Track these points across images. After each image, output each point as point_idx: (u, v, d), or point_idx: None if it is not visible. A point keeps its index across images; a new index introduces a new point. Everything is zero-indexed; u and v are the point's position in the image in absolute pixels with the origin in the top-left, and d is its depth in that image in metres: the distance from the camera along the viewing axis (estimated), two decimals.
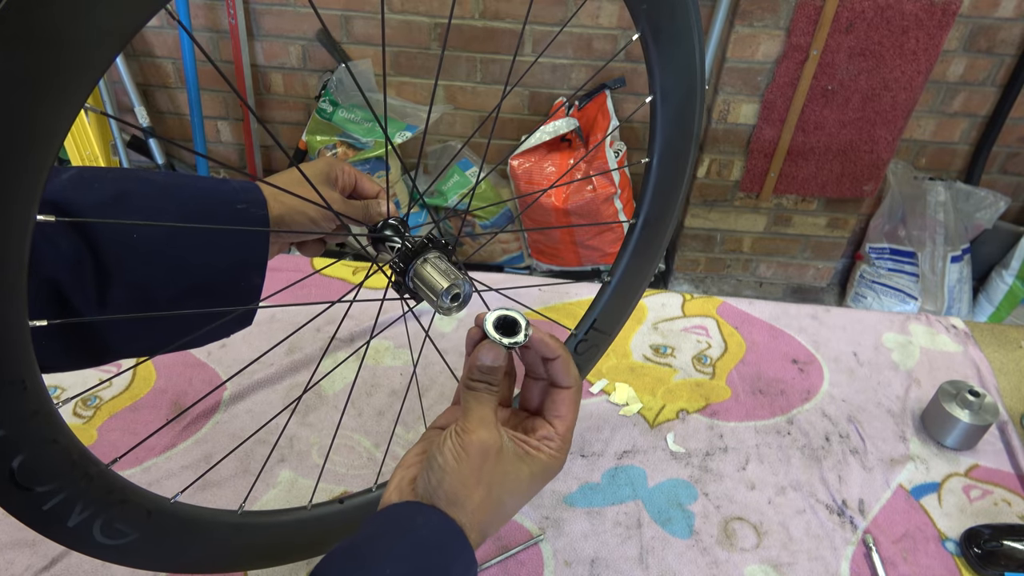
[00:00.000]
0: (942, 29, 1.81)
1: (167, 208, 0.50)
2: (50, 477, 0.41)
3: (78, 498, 0.44)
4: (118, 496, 0.47)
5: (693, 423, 0.92)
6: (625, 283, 0.74)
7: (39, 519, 0.43)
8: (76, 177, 0.48)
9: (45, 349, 0.45)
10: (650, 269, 0.74)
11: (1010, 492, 0.85)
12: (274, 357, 0.96)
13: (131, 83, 2.11)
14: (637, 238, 0.72)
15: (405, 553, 0.42)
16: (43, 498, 0.41)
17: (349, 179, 0.63)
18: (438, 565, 0.42)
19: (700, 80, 0.60)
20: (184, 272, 0.51)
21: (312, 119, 2.14)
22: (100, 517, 0.46)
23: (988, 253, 2.31)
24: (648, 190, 0.68)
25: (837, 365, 1.02)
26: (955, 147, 2.23)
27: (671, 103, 0.61)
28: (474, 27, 2.05)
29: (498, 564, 0.75)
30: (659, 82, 0.60)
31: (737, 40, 1.89)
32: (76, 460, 0.43)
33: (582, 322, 0.77)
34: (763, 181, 2.13)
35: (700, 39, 0.58)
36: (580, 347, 0.78)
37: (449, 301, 0.56)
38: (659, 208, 0.69)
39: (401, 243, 0.60)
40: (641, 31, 0.56)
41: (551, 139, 2.08)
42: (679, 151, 0.65)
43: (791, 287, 2.45)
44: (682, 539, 0.78)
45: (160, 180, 0.52)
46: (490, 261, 2.43)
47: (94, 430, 0.86)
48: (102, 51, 0.31)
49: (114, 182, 0.49)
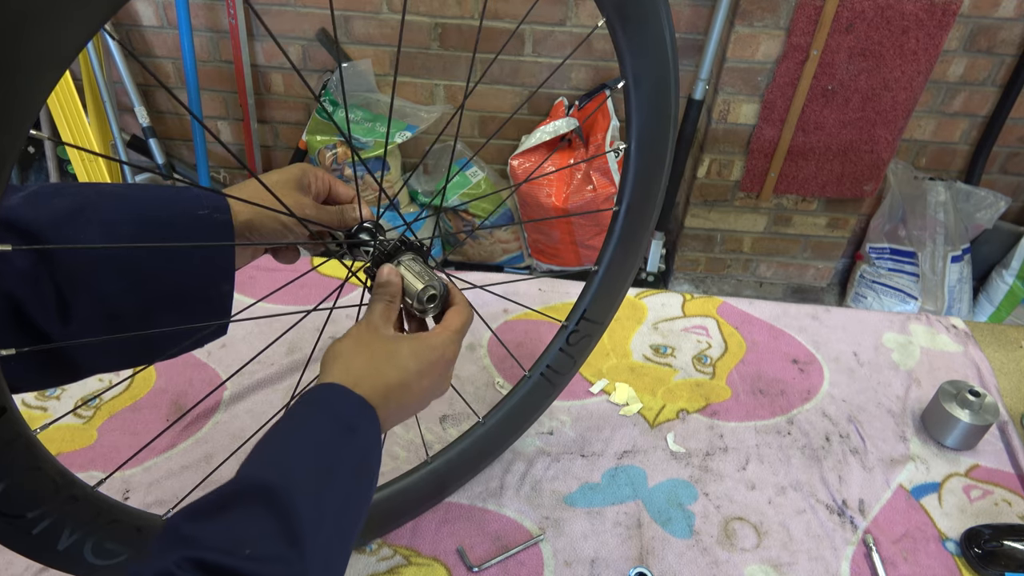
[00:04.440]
0: (942, 29, 1.81)
1: (124, 219, 0.49)
2: (35, 503, 0.41)
3: (66, 522, 0.43)
4: (106, 517, 0.47)
5: (693, 423, 0.92)
6: (612, 271, 0.74)
7: (28, 545, 0.42)
8: (32, 194, 0.47)
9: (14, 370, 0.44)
10: (636, 256, 0.74)
11: (1010, 492, 0.85)
12: (274, 357, 0.96)
13: (131, 83, 2.11)
14: (621, 225, 0.71)
15: (290, 412, 0.46)
16: (30, 524, 0.41)
17: (323, 185, 0.61)
18: (312, 409, 0.46)
19: (673, 61, 0.59)
20: (147, 283, 0.50)
21: (312, 119, 2.14)
22: (90, 539, 0.46)
23: (988, 253, 2.31)
24: (628, 176, 0.67)
25: (837, 365, 1.01)
26: (955, 147, 2.23)
27: (644, 87, 0.60)
28: (474, 27, 2.05)
29: (498, 564, 0.75)
30: (630, 66, 0.59)
31: (737, 40, 1.89)
32: (60, 484, 0.42)
33: (572, 313, 0.77)
34: (763, 181, 2.13)
35: (668, 19, 0.57)
36: (572, 338, 0.78)
37: (425, 303, 0.56)
38: (641, 194, 0.68)
39: (374, 248, 0.59)
40: (607, 16, 0.55)
41: (551, 139, 2.08)
42: (657, 135, 0.64)
43: (791, 287, 2.45)
44: (682, 539, 0.78)
45: (119, 191, 0.51)
46: (490, 261, 2.43)
47: (94, 430, 0.86)
48: (45, 76, 0.30)
49: (71, 197, 0.48)
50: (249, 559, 0.36)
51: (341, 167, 2.14)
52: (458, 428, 0.90)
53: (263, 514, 0.38)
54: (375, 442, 0.47)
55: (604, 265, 0.74)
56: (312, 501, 0.40)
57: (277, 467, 0.41)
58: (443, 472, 0.78)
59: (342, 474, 0.43)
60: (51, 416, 0.88)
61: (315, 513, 0.40)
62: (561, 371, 0.80)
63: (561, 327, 0.79)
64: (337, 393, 0.47)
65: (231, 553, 0.36)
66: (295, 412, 0.46)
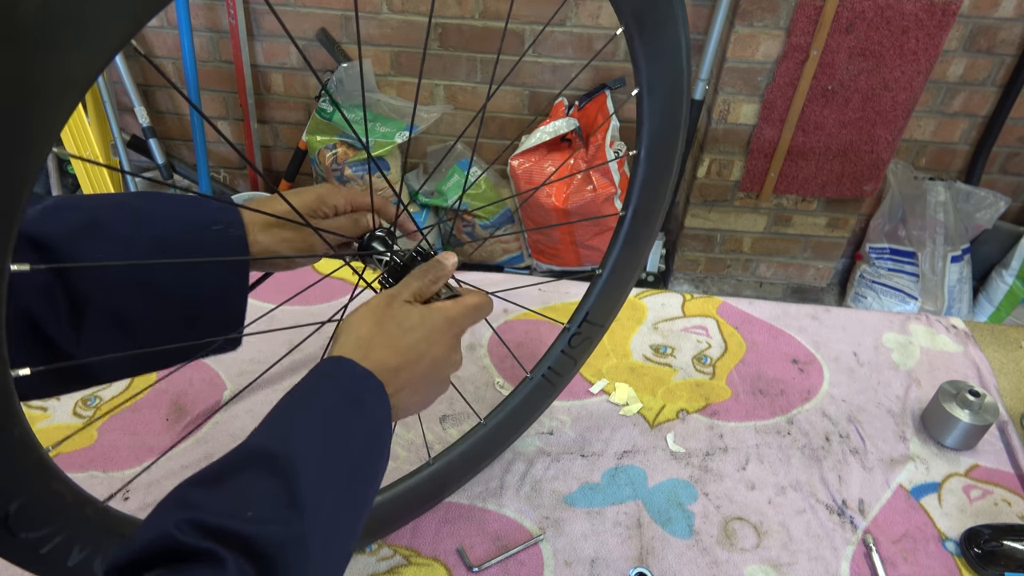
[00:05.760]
0: (942, 29, 1.81)
1: (140, 235, 0.49)
2: (46, 521, 0.41)
3: (76, 539, 0.43)
4: (117, 531, 0.46)
5: (693, 423, 0.92)
6: (616, 275, 0.75)
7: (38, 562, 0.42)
8: (50, 207, 0.48)
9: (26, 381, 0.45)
10: (640, 260, 0.74)
11: (1010, 492, 0.85)
12: (274, 357, 0.96)
13: (131, 83, 2.11)
14: (627, 230, 0.72)
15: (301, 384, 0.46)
16: (40, 542, 0.41)
17: (344, 205, 0.61)
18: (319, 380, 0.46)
19: (686, 69, 0.59)
20: (161, 297, 0.50)
21: (312, 119, 2.14)
22: (100, 554, 0.45)
23: (988, 253, 2.31)
24: (637, 182, 0.68)
25: (837, 365, 1.01)
26: (955, 147, 2.23)
27: (658, 95, 0.61)
28: (474, 27, 2.05)
29: (498, 564, 0.75)
30: (645, 74, 0.59)
31: (737, 40, 1.89)
32: (71, 502, 0.42)
33: (574, 316, 0.78)
34: (763, 181, 2.13)
35: (685, 28, 0.57)
36: (574, 340, 0.79)
37: None
38: (648, 200, 0.69)
39: (389, 258, 0.59)
40: (625, 24, 0.55)
41: (551, 139, 2.08)
42: (667, 143, 0.65)
43: (791, 287, 2.45)
44: (682, 539, 0.78)
45: (135, 205, 0.51)
46: (490, 261, 2.43)
47: (94, 430, 0.86)
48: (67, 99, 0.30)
49: (87, 211, 0.48)
50: (249, 521, 0.36)
51: (341, 167, 2.14)
52: (458, 428, 0.90)
53: (265, 479, 0.39)
54: (384, 415, 0.47)
55: (608, 268, 0.74)
56: (314, 468, 0.41)
57: (281, 436, 0.42)
58: (444, 473, 0.78)
59: (348, 445, 0.44)
60: (51, 416, 0.88)
61: (317, 479, 0.41)
62: (562, 372, 0.81)
63: (563, 329, 0.79)
64: (344, 367, 0.47)
65: (232, 516, 0.36)
66: (302, 385, 0.46)
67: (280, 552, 0.37)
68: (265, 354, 0.97)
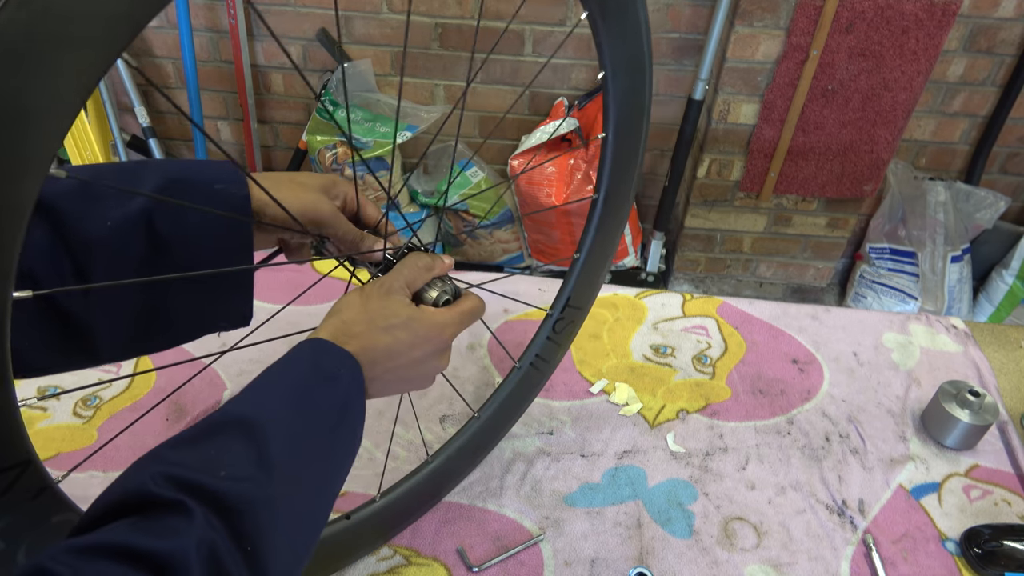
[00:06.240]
0: (942, 29, 1.81)
1: (140, 187, 0.49)
2: None
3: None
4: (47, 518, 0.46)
5: (693, 423, 0.92)
6: (592, 258, 0.76)
7: None
8: None
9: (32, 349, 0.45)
10: (614, 242, 0.77)
11: (1010, 492, 0.85)
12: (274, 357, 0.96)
13: (131, 83, 2.11)
14: (600, 213, 0.73)
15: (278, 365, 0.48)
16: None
17: (351, 200, 0.61)
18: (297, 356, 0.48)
19: (647, 51, 0.62)
20: (165, 253, 0.50)
21: (312, 119, 2.14)
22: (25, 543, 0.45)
23: (988, 253, 2.31)
24: (606, 165, 0.69)
25: (837, 365, 1.02)
26: (955, 147, 2.23)
27: (621, 77, 0.63)
28: (474, 27, 2.05)
29: (498, 564, 0.75)
30: (608, 57, 0.61)
31: (737, 40, 1.89)
32: None
33: (556, 302, 0.79)
34: (763, 181, 2.13)
35: (644, 10, 0.59)
36: (558, 326, 0.80)
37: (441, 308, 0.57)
38: (617, 182, 0.71)
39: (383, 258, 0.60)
40: (589, 10, 0.57)
41: (551, 139, 2.08)
42: (632, 125, 0.67)
43: (791, 287, 2.45)
44: (682, 539, 0.78)
45: (132, 167, 0.51)
46: (490, 261, 2.43)
47: (94, 430, 0.86)
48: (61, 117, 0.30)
49: (85, 171, 0.49)
50: (222, 479, 0.38)
51: (341, 167, 2.14)
52: (458, 428, 0.90)
53: (239, 442, 0.41)
54: (356, 392, 0.48)
55: (585, 252, 0.76)
56: (286, 434, 0.42)
57: (256, 404, 0.44)
58: (443, 470, 0.78)
59: (320, 417, 0.45)
60: (51, 416, 0.88)
61: (288, 445, 0.42)
62: (548, 358, 0.82)
63: (547, 316, 0.80)
64: (321, 346, 0.49)
65: (205, 472, 0.38)
66: (281, 361, 0.48)
67: (249, 509, 0.38)
68: (265, 354, 0.97)
